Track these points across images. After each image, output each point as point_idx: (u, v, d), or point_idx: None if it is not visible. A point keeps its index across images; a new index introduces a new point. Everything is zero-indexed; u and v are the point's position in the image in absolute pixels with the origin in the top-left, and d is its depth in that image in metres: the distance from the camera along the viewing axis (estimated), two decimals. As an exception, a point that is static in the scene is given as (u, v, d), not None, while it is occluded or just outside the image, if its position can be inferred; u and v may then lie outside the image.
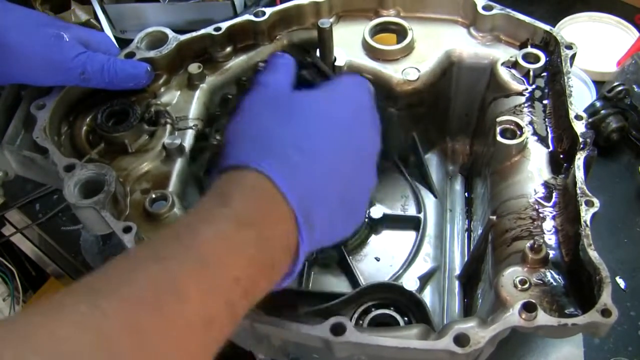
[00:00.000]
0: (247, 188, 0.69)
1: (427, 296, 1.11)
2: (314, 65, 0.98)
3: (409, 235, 1.17)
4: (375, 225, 1.16)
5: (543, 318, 0.78)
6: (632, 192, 1.39)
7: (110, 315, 0.54)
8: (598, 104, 1.41)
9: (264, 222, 0.68)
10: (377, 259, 1.15)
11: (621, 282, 1.26)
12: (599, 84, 1.51)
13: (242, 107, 0.80)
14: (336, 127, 0.77)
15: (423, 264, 1.13)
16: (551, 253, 0.88)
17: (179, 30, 1.15)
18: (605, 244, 1.30)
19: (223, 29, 1.13)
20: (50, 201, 1.48)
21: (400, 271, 1.12)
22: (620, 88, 1.39)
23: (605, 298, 0.78)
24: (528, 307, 0.78)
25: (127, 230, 0.90)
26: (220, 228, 0.65)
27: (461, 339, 0.78)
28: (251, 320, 0.83)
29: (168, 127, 1.07)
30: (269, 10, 1.15)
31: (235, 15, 1.69)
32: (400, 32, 1.17)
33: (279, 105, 0.78)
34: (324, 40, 1.10)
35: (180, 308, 0.58)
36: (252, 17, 1.15)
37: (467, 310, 1.10)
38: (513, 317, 0.79)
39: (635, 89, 1.39)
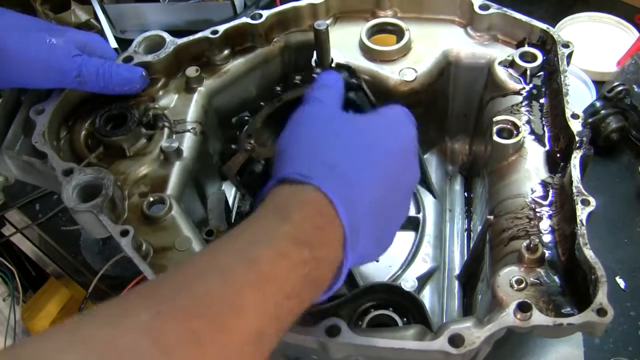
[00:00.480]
0: (306, 205, 0.70)
1: (427, 296, 1.11)
2: (360, 88, 1.01)
3: (408, 236, 1.17)
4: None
5: (538, 318, 0.78)
6: (632, 192, 1.39)
7: (170, 325, 0.55)
8: (598, 104, 1.40)
9: (320, 242, 0.69)
10: (376, 260, 1.15)
11: (621, 282, 1.25)
12: (599, 84, 1.50)
13: (298, 119, 0.81)
14: (389, 157, 0.79)
15: (422, 264, 1.14)
16: (547, 253, 0.88)
17: (177, 32, 1.16)
18: (605, 244, 1.30)
19: (220, 32, 1.14)
20: (50, 201, 1.49)
21: (399, 271, 1.12)
22: (620, 88, 1.38)
23: (601, 297, 0.78)
24: (523, 307, 0.78)
25: (124, 233, 0.91)
26: (280, 246, 0.66)
27: (456, 340, 0.78)
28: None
29: (166, 130, 1.07)
30: (266, 13, 1.16)
31: (235, 15, 1.69)
32: (397, 33, 1.17)
33: (337, 125, 0.80)
34: (321, 41, 1.10)
35: (237, 322, 0.59)
36: (249, 20, 1.15)
37: (467, 310, 1.10)
38: (508, 317, 0.79)
39: (635, 89, 1.39)
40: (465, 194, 1.26)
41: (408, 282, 1.08)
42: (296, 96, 1.02)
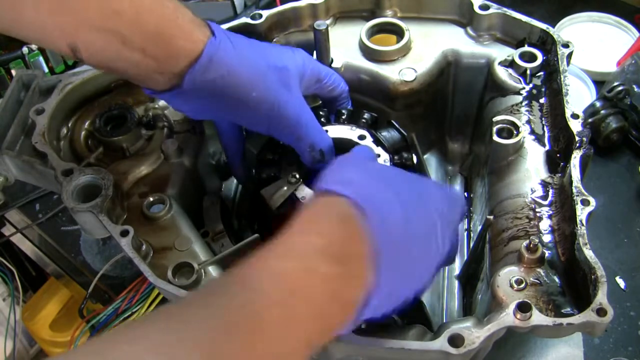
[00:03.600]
0: (338, 216, 0.71)
1: (426, 296, 1.11)
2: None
3: (408, 236, 1.17)
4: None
5: (538, 318, 0.78)
6: (632, 192, 1.39)
7: (186, 342, 0.55)
8: (598, 104, 1.40)
9: (348, 255, 0.69)
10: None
11: (621, 282, 1.25)
12: (599, 84, 1.50)
13: (348, 157, 0.87)
14: (430, 213, 0.79)
15: (422, 264, 1.13)
16: (547, 253, 0.88)
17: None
18: (605, 244, 1.30)
19: (221, 32, 1.14)
20: (50, 201, 1.49)
21: (399, 272, 1.12)
22: (620, 88, 1.38)
23: (601, 297, 0.78)
24: (522, 307, 0.78)
25: (124, 233, 0.91)
26: (308, 261, 0.66)
27: (455, 340, 0.78)
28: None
29: (166, 130, 1.08)
30: (265, 13, 1.16)
31: (235, 15, 1.69)
32: (397, 33, 1.17)
33: (385, 168, 0.89)
34: (321, 41, 1.10)
35: (259, 338, 0.60)
36: (249, 20, 1.15)
37: (467, 310, 1.10)
38: (508, 317, 0.79)
39: (635, 89, 1.38)
40: (465, 194, 1.26)
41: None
42: (342, 138, 1.03)
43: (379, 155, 1.01)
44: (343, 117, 1.07)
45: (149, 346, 0.55)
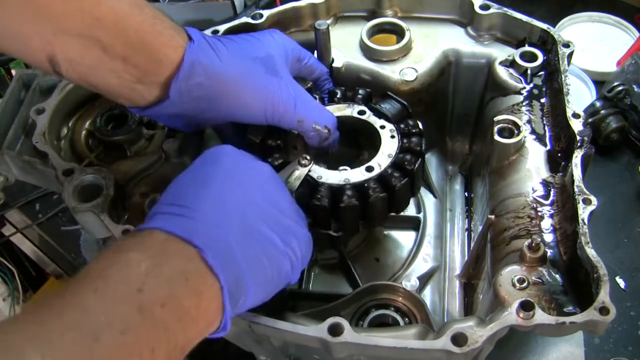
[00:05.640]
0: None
1: (427, 296, 1.11)
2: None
3: (409, 236, 1.17)
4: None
5: (541, 317, 0.78)
6: (632, 192, 1.40)
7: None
8: (598, 104, 1.41)
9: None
10: (377, 260, 1.15)
11: (621, 282, 1.26)
12: (599, 84, 1.51)
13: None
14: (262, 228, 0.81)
15: (423, 263, 1.14)
16: (549, 252, 0.88)
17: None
18: (605, 244, 1.30)
19: (221, 32, 1.14)
20: (50, 201, 1.48)
21: (400, 271, 1.12)
22: (620, 88, 1.39)
23: (603, 296, 0.78)
24: (525, 306, 0.78)
25: (125, 233, 0.90)
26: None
27: (459, 339, 0.78)
28: (249, 322, 0.83)
29: (166, 130, 1.07)
30: (266, 13, 1.16)
31: (235, 15, 1.70)
32: (398, 33, 1.17)
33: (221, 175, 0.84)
34: (321, 41, 1.10)
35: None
36: (249, 20, 1.15)
37: (468, 310, 1.10)
38: (511, 316, 0.79)
39: (635, 89, 1.39)
40: (466, 193, 1.26)
41: (409, 282, 1.08)
42: (342, 115, 1.03)
43: (383, 127, 1.01)
44: (337, 96, 1.06)
45: None
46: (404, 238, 1.17)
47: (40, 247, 1.47)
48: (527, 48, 1.09)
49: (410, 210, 1.19)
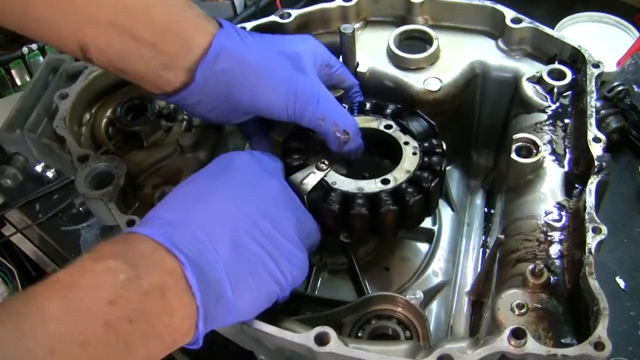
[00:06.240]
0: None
1: (433, 310, 1.09)
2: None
3: (422, 247, 1.15)
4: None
5: (532, 346, 0.76)
6: (632, 192, 1.38)
7: None
8: (598, 104, 1.36)
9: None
10: (387, 269, 1.13)
11: (621, 282, 1.24)
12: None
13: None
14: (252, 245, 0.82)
15: (432, 277, 1.11)
16: (553, 278, 0.85)
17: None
18: (605, 244, 1.26)
19: (248, 29, 1.14)
20: (50, 201, 1.50)
21: (409, 283, 1.11)
22: (620, 88, 1.37)
23: (601, 330, 0.75)
24: (517, 334, 0.76)
25: (130, 223, 0.92)
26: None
27: (444, 360, 0.76)
28: (240, 324, 0.83)
29: (185, 123, 1.08)
30: (295, 12, 1.15)
31: (235, 15, 1.70)
32: (426, 41, 1.15)
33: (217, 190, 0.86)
34: (346, 45, 1.09)
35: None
36: (277, 19, 1.14)
37: (474, 329, 1.08)
38: (502, 342, 0.77)
39: (635, 89, 1.37)
40: (486, 209, 1.24)
41: (415, 295, 1.06)
42: (369, 127, 1.03)
43: (407, 143, 1.00)
44: (366, 108, 1.06)
45: None
46: (417, 249, 1.15)
47: (40, 247, 1.49)
48: (555, 65, 1.06)
49: (426, 222, 1.17)
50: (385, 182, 0.96)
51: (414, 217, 0.98)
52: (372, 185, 0.95)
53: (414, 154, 0.99)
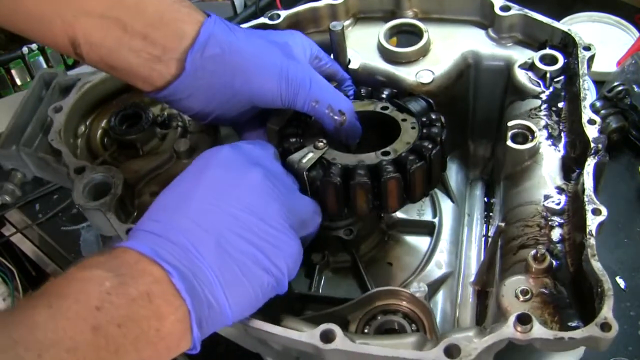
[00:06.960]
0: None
1: (439, 302, 1.08)
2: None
3: (424, 241, 1.15)
4: (389, 230, 1.14)
5: (538, 331, 0.75)
6: (632, 192, 1.38)
7: None
8: (598, 104, 1.39)
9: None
10: (390, 264, 1.13)
11: (621, 282, 1.24)
12: (599, 84, 1.47)
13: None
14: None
15: (436, 270, 1.11)
16: (555, 262, 0.85)
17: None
18: (605, 244, 1.27)
19: (238, 31, 1.14)
20: (50, 201, 1.51)
21: (412, 277, 1.10)
22: (620, 88, 1.37)
23: (606, 311, 0.75)
24: (523, 319, 0.76)
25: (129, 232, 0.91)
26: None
27: (452, 350, 0.76)
28: (244, 325, 0.83)
29: (179, 130, 1.08)
30: (283, 13, 1.15)
31: (235, 15, 1.70)
32: (416, 34, 1.15)
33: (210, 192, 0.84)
34: (336, 42, 1.09)
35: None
36: (267, 21, 1.14)
37: (480, 318, 1.07)
38: (508, 329, 0.76)
39: (635, 89, 1.37)
40: (486, 199, 1.24)
41: (420, 288, 1.05)
42: (365, 110, 1.02)
43: (405, 120, 0.98)
44: (362, 94, 1.05)
45: None
46: (419, 243, 1.15)
47: (40, 247, 1.49)
48: (547, 51, 1.06)
49: (427, 215, 1.17)
50: (386, 154, 0.94)
51: (416, 186, 0.96)
52: (372, 158, 0.94)
53: (413, 128, 0.97)
